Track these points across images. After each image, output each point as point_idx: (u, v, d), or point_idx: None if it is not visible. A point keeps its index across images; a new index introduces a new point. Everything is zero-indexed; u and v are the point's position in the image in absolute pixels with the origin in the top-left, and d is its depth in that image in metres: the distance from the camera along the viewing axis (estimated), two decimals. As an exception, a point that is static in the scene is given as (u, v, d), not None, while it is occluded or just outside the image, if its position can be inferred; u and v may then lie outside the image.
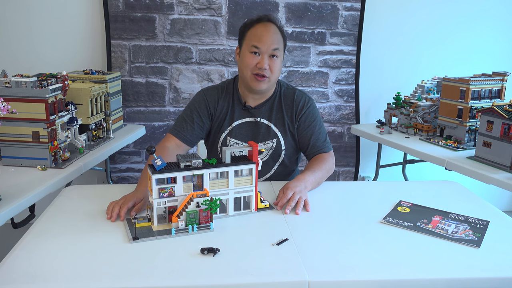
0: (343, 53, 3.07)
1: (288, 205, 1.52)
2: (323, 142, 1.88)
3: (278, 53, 1.75)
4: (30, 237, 1.32)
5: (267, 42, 1.72)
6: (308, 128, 1.86)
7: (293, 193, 1.56)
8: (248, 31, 1.78)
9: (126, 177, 3.03)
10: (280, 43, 1.77)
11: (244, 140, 1.86)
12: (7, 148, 1.94)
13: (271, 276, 1.15)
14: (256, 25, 1.77)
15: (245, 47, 1.77)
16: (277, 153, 1.87)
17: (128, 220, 1.43)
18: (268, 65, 1.74)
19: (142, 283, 1.11)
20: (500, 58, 3.26)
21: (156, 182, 1.34)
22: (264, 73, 1.74)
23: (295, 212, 1.51)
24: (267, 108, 1.86)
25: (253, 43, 1.74)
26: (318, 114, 1.90)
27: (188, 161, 1.37)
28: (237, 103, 1.86)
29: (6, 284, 1.08)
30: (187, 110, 1.87)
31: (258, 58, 1.74)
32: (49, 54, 2.91)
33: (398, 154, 3.07)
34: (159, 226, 1.37)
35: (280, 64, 1.80)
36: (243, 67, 1.78)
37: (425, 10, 3.16)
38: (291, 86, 1.93)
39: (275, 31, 1.76)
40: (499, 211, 1.61)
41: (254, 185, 1.50)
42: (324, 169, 1.78)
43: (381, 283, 1.17)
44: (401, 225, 1.45)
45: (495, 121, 2.09)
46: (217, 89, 1.89)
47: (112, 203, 1.49)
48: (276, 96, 1.87)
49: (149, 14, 2.86)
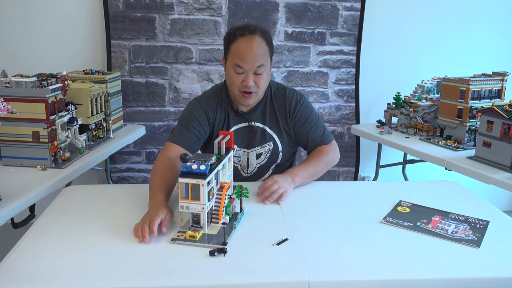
0: (343, 53, 3.07)
1: (270, 197, 1.60)
2: (322, 135, 1.87)
3: (263, 69, 1.70)
4: (30, 237, 1.32)
5: (250, 60, 1.66)
6: (304, 125, 1.84)
7: (273, 183, 1.62)
8: (231, 45, 1.70)
9: (126, 177, 3.03)
10: (266, 56, 1.70)
11: (241, 145, 1.84)
12: (7, 148, 1.94)
13: (271, 276, 1.15)
14: (238, 39, 1.68)
15: (229, 63, 1.72)
16: (275, 155, 1.87)
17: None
18: (253, 81, 1.69)
19: (142, 283, 1.11)
20: (500, 58, 3.26)
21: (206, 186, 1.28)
22: (251, 89, 1.70)
23: (265, 202, 1.58)
24: (260, 112, 1.83)
25: (236, 61, 1.68)
26: (313, 109, 1.87)
27: (208, 161, 1.32)
28: (230, 109, 1.83)
29: (6, 284, 1.08)
30: (186, 119, 1.77)
31: (243, 76, 1.69)
32: (49, 54, 2.91)
33: (398, 154, 3.07)
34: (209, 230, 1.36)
35: (267, 75, 1.74)
36: (229, 84, 1.75)
37: (425, 10, 3.16)
38: (281, 85, 1.89)
39: (259, 45, 1.68)
40: (499, 211, 1.61)
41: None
42: (322, 162, 1.79)
43: (381, 283, 1.17)
44: (401, 225, 1.45)
45: (495, 121, 2.09)
46: (213, 97, 1.82)
47: (138, 225, 1.33)
48: (267, 98, 1.84)
49: (149, 14, 2.86)
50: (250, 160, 1.85)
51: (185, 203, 1.30)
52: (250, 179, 1.89)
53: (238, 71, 1.69)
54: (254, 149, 1.85)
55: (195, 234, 1.29)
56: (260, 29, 1.71)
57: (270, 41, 1.74)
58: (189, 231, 1.30)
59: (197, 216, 1.33)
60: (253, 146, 1.84)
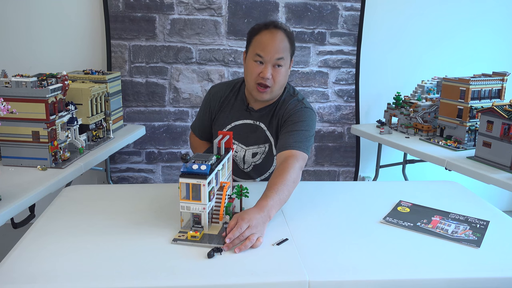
0: (343, 53, 3.07)
1: (243, 245, 1.27)
2: (298, 141, 1.65)
3: (282, 62, 1.69)
4: (30, 237, 1.32)
5: (271, 51, 1.67)
6: (288, 125, 1.71)
7: (247, 228, 1.29)
8: (254, 37, 1.72)
9: (126, 177, 3.03)
10: (286, 51, 1.70)
11: (239, 140, 1.85)
12: (7, 148, 1.94)
13: (271, 276, 1.15)
14: (262, 31, 1.70)
15: (250, 54, 1.73)
16: (270, 158, 1.85)
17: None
18: (271, 74, 1.69)
19: (142, 283, 1.11)
20: (500, 58, 3.26)
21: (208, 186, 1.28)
22: (267, 83, 1.69)
23: (235, 250, 1.25)
24: (267, 113, 1.82)
25: (257, 51, 1.68)
26: (308, 120, 1.73)
27: (208, 161, 1.32)
28: (240, 103, 1.85)
29: (6, 284, 1.08)
30: (200, 106, 1.97)
31: (262, 67, 1.69)
32: (49, 54, 2.91)
33: (398, 154, 3.07)
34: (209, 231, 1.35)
35: (286, 72, 1.73)
36: (247, 75, 1.75)
37: (425, 10, 3.16)
38: (295, 93, 1.83)
39: (282, 39, 1.69)
40: (499, 211, 1.61)
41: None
42: (289, 182, 1.49)
43: (381, 283, 1.17)
44: (401, 225, 1.45)
45: (495, 121, 2.09)
46: (224, 86, 1.90)
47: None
48: (278, 102, 1.82)
49: (149, 14, 2.86)
50: (246, 157, 1.86)
51: (186, 203, 1.31)
52: (249, 174, 1.89)
53: (257, 60, 1.70)
54: (251, 148, 1.85)
55: (196, 234, 1.29)
56: (285, 27, 1.73)
57: (292, 40, 1.75)
58: (191, 231, 1.30)
59: (198, 216, 1.33)
60: (251, 144, 1.85)
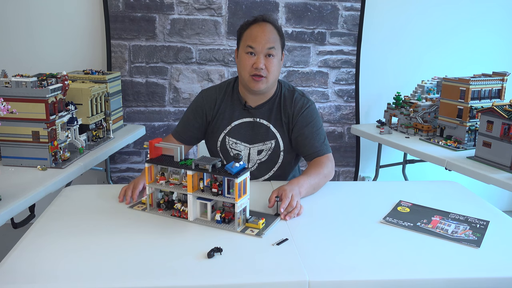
0: (343, 53, 3.07)
1: (292, 212, 1.47)
2: (322, 143, 1.83)
3: (274, 52, 1.74)
4: (30, 237, 1.32)
5: (261, 41, 1.72)
6: (304, 128, 1.82)
7: (292, 197, 1.51)
8: (244, 32, 1.78)
9: (126, 177, 3.03)
10: (277, 42, 1.76)
11: (242, 140, 1.86)
12: (7, 148, 1.94)
13: (271, 276, 1.15)
14: (251, 25, 1.76)
15: (241, 49, 1.78)
16: (276, 154, 1.87)
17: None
18: (264, 64, 1.73)
19: (142, 283, 1.11)
20: (500, 58, 3.26)
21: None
22: (261, 73, 1.73)
23: (284, 218, 1.46)
24: (267, 109, 1.85)
25: (248, 43, 1.74)
26: (317, 117, 1.86)
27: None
28: (237, 103, 1.86)
29: (6, 284, 1.08)
30: (187, 111, 1.92)
31: (254, 58, 1.74)
32: (49, 54, 2.91)
33: (398, 154, 3.07)
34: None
35: (278, 63, 1.79)
36: (240, 69, 1.78)
37: (425, 10, 3.16)
38: (292, 87, 1.91)
39: (271, 30, 1.75)
40: (499, 211, 1.61)
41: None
42: (321, 174, 1.72)
43: (381, 283, 1.17)
44: (401, 225, 1.45)
45: (495, 121, 2.09)
46: (215, 89, 1.90)
47: (124, 187, 1.60)
48: (276, 97, 1.86)
49: (149, 14, 2.86)
50: (251, 155, 1.86)
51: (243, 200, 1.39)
52: (253, 173, 1.89)
53: (249, 51, 1.74)
54: (256, 145, 1.86)
55: (263, 221, 1.40)
56: (273, 20, 1.79)
57: (281, 33, 1.81)
58: (260, 221, 1.40)
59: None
60: (255, 142, 1.85)
